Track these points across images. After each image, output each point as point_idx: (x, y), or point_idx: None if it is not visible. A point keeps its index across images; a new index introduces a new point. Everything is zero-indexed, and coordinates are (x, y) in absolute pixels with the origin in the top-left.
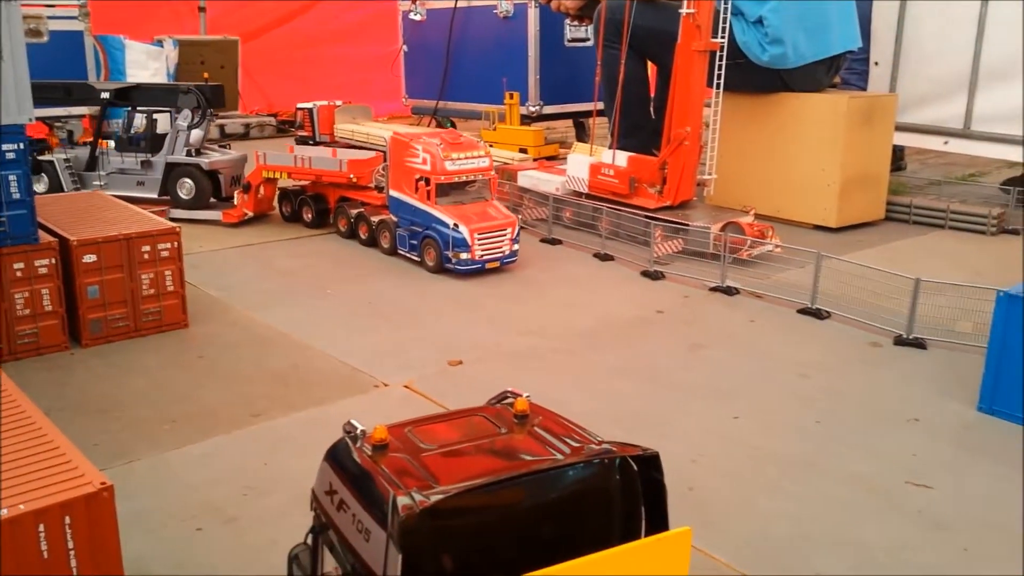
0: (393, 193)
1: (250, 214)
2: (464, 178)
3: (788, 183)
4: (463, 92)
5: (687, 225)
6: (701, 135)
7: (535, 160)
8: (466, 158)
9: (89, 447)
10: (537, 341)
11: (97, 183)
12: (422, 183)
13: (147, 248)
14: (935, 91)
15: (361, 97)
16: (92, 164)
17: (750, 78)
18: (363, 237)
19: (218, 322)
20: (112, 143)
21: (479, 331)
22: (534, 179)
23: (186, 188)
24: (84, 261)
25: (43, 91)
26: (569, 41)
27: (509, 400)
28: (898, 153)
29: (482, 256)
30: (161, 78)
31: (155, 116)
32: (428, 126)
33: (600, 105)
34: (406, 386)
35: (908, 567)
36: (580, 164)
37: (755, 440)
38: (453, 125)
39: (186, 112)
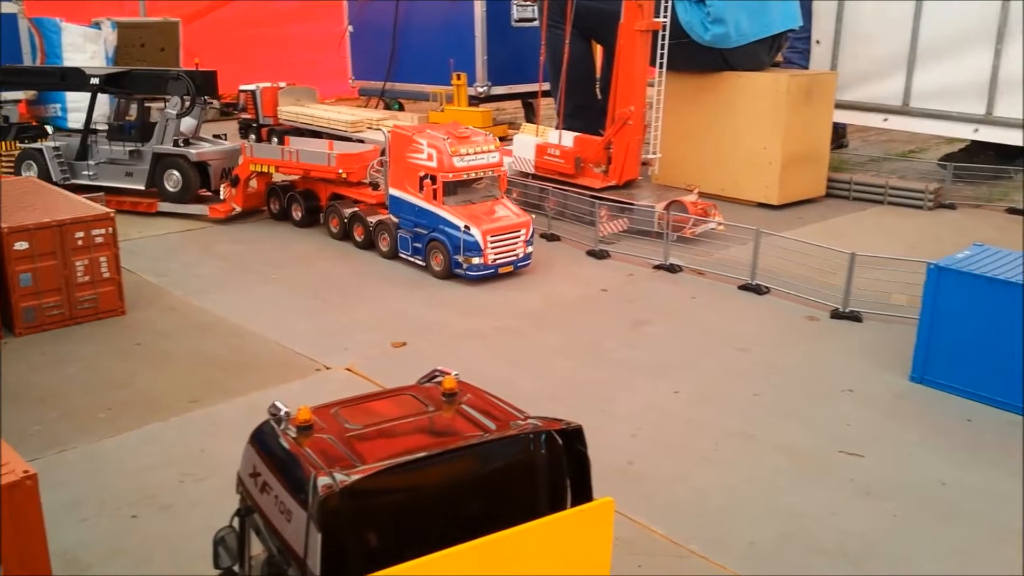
0: (394, 192)
1: (238, 209)
2: (473, 175)
3: (731, 161)
4: (410, 73)
5: (632, 204)
6: (645, 115)
7: None
8: (475, 153)
9: (25, 437)
10: (482, 321)
11: (87, 173)
12: (427, 181)
13: (81, 234)
14: (875, 69)
15: (307, 79)
16: (83, 153)
17: (693, 58)
18: (358, 239)
19: (156, 308)
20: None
21: (424, 313)
22: None
23: (173, 180)
24: (16, 248)
25: (39, 76)
26: (516, 21)
27: (438, 379)
28: (840, 131)
29: (495, 260)
30: (99, 61)
31: (146, 104)
32: (376, 108)
33: (546, 86)
34: (348, 369)
35: (837, 533)
36: (526, 145)
37: (694, 414)
38: (401, 107)
39: (175, 100)
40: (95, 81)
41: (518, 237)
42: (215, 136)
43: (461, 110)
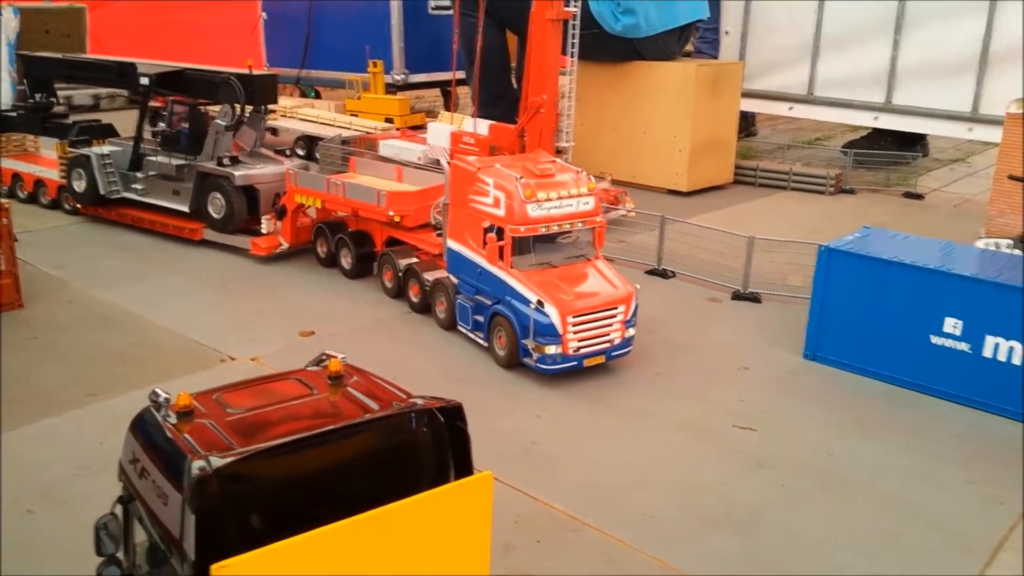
0: (452, 244)
1: (285, 246)
2: (555, 228)
3: (642, 149)
4: (326, 60)
5: None
6: (558, 103)
7: (399, 130)
8: (559, 198)
9: None
10: (388, 312)
11: (137, 187)
12: (492, 235)
13: None
14: (781, 59)
15: (219, 65)
16: (137, 163)
17: (604, 47)
18: (414, 300)
19: (55, 301)
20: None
21: (332, 303)
22: (396, 148)
23: (216, 205)
24: None
25: (98, 71)
26: (433, 9)
27: (325, 362)
28: (749, 119)
29: (579, 350)
30: (1, 49)
31: (202, 109)
32: (291, 95)
33: (462, 74)
34: (253, 359)
35: (729, 504)
36: (441, 133)
37: (595, 394)
38: (317, 95)
39: (226, 108)
40: (145, 81)
41: (614, 317)
42: (284, 151)
43: (378, 98)
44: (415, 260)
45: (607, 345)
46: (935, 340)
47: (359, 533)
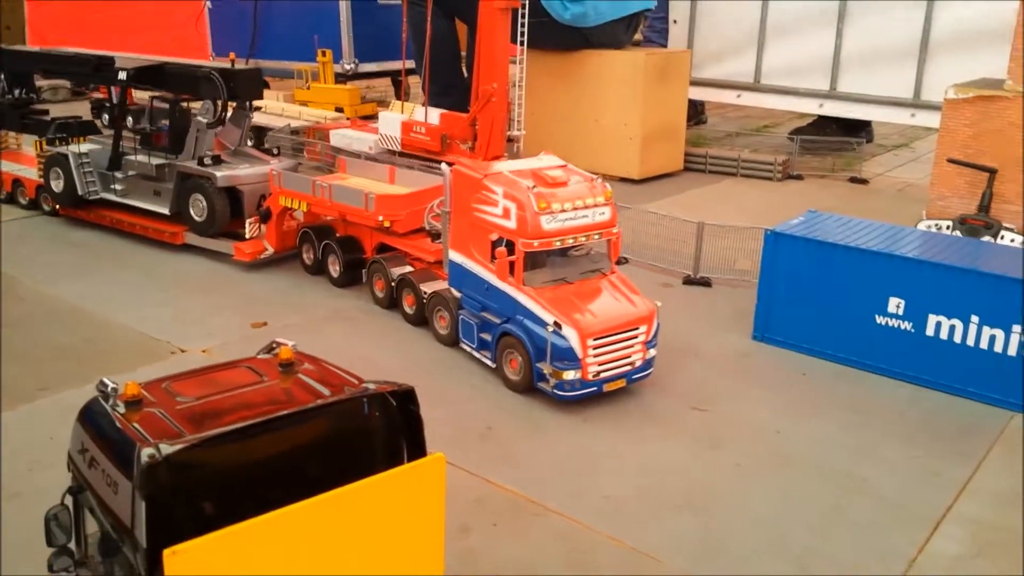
0: (455, 257)
1: (271, 251)
2: (570, 241)
3: (594, 138)
4: (274, 50)
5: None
6: (508, 91)
7: (349, 119)
8: (574, 209)
9: None
10: (344, 303)
11: (116, 187)
12: (502, 249)
13: None
14: (728, 48)
15: (164, 55)
16: (116, 163)
17: (554, 36)
18: (408, 312)
19: (5, 298)
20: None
21: (287, 294)
22: (347, 138)
23: (198, 207)
24: None
25: (75, 64)
26: None
27: (276, 350)
28: (699, 107)
29: (598, 374)
30: None
31: (184, 105)
32: None
33: (411, 63)
34: (204, 351)
35: (686, 484)
36: (392, 122)
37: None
38: (266, 85)
39: (208, 105)
40: (123, 76)
41: (635, 338)
42: (268, 149)
43: (328, 87)
44: (409, 269)
45: (628, 368)
46: (879, 320)
47: (312, 516)
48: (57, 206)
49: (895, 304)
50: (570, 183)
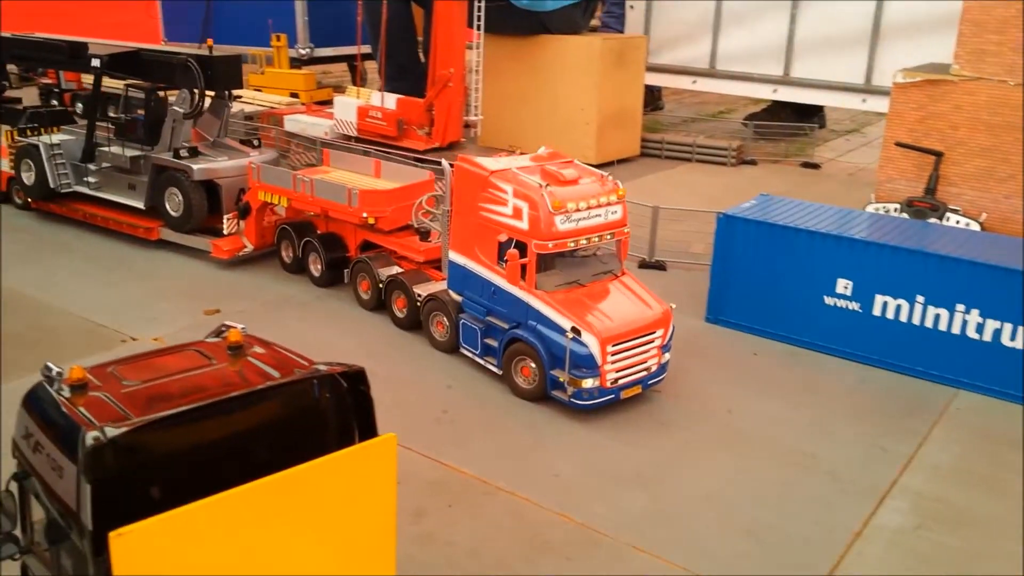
0: (456, 258)
1: (250, 248)
2: (584, 242)
3: (551, 123)
4: (227, 34)
5: (439, 162)
6: (466, 76)
7: (304, 105)
8: (588, 208)
9: None
10: (297, 289)
11: (90, 180)
12: (513, 251)
13: None
14: (685, 33)
15: (113, 40)
16: (89, 154)
17: (511, 20)
18: (398, 315)
19: None
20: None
21: (239, 279)
22: (301, 124)
23: (174, 202)
24: None
25: (48, 51)
26: None
27: (225, 333)
28: (655, 93)
29: (616, 381)
30: None
31: (161, 94)
32: None
33: (368, 48)
34: (155, 339)
35: (635, 461)
36: (348, 107)
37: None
38: None
39: (184, 94)
40: (96, 63)
41: (652, 342)
42: (249, 141)
43: (282, 72)
44: (398, 270)
45: (644, 373)
46: (828, 301)
47: (260, 497)
48: (29, 199)
49: (843, 285)
50: (582, 181)
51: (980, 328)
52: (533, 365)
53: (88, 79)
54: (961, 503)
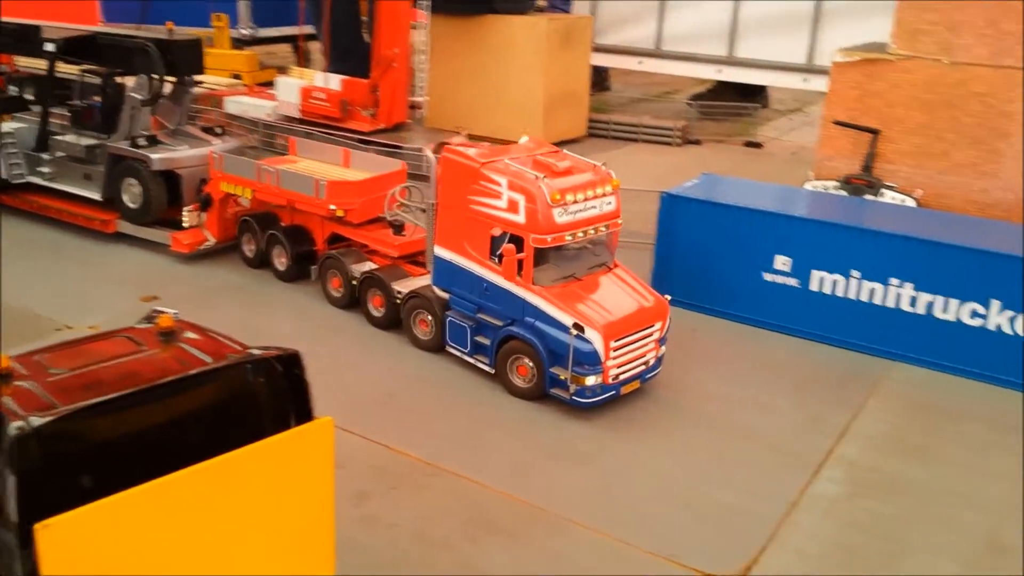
0: (442, 253)
1: (212, 241)
2: (580, 235)
3: (499, 103)
4: (167, 15)
5: (400, 147)
6: (411, 57)
7: (246, 86)
8: (585, 200)
9: None
10: (240, 277)
11: (44, 170)
12: (509, 246)
13: None
14: (630, 14)
15: (51, 21)
16: (43, 143)
17: (458, 1)
18: (375, 314)
19: None
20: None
21: (178, 268)
22: (243, 105)
23: (131, 193)
24: None
25: None
26: None
27: (156, 319)
28: (602, 74)
29: (617, 377)
30: None
31: (118, 80)
32: None
33: (311, 29)
34: (91, 327)
35: (573, 437)
36: (290, 88)
37: (442, 356)
38: None
39: (143, 80)
40: (50, 47)
41: (650, 336)
42: (211, 129)
43: (224, 53)
44: (372, 266)
45: (643, 368)
46: (767, 277)
47: (192, 485)
48: None
49: (782, 262)
50: (575, 171)
51: (913, 301)
52: (530, 363)
53: (26, 62)
54: (894, 471)
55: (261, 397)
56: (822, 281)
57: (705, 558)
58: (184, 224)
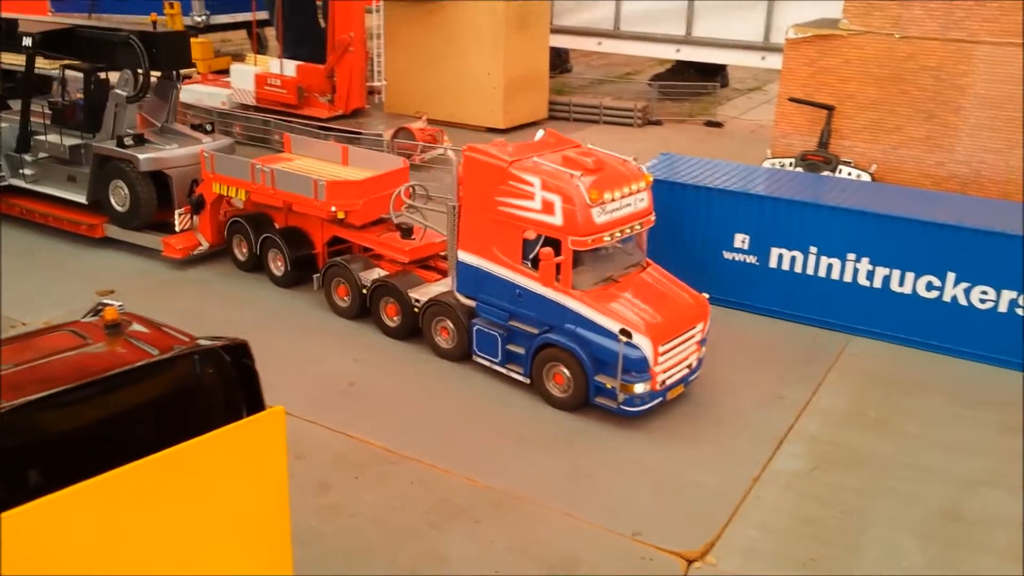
0: (467, 258)
1: (205, 246)
2: (618, 234)
3: (458, 88)
4: (118, 3)
5: (360, 133)
6: (366, 41)
7: (200, 74)
8: (621, 197)
9: None
10: (195, 271)
11: (26, 172)
12: (546, 250)
13: None
14: None
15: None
16: (24, 143)
17: None
18: (389, 324)
19: None
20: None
21: (131, 263)
22: (198, 94)
23: (119, 195)
24: None
25: None
26: None
27: (101, 312)
28: (563, 56)
29: (664, 382)
30: None
31: (101, 76)
32: None
33: (264, 15)
34: (44, 323)
35: (539, 423)
36: (245, 75)
37: (409, 337)
38: None
39: (127, 75)
40: (28, 42)
41: (693, 337)
42: (201, 126)
43: None
44: (382, 272)
45: (686, 371)
46: (727, 255)
47: (144, 477)
48: None
49: (741, 240)
50: (607, 168)
51: (871, 275)
52: (567, 371)
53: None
54: (854, 444)
55: (210, 388)
56: (780, 258)
57: (669, 535)
58: (176, 228)
